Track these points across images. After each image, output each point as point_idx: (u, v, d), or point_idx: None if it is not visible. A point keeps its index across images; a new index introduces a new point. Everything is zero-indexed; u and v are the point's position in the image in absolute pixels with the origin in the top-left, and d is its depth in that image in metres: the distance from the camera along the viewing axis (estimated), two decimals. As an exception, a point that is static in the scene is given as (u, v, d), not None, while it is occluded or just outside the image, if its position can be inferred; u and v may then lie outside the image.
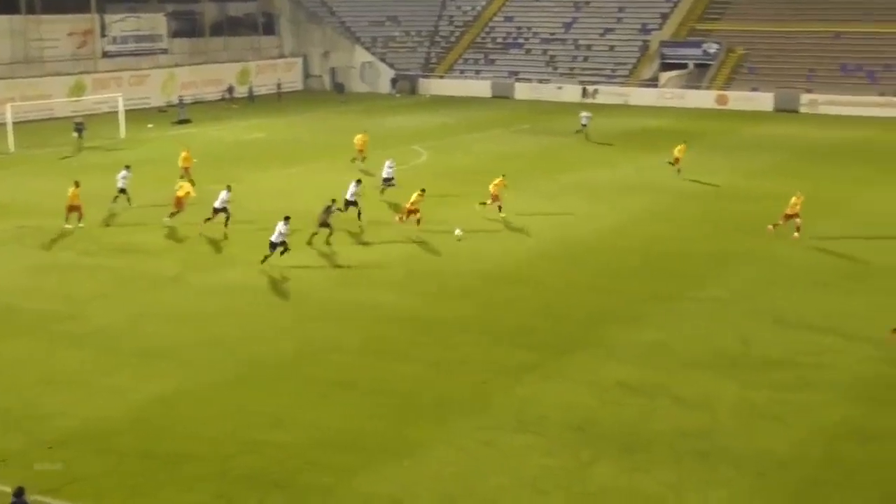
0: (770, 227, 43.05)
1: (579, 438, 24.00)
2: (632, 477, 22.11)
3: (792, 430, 24.54)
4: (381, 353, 29.84)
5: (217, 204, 42.58)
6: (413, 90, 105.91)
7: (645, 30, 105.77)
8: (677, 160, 57.64)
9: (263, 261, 37.68)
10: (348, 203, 44.20)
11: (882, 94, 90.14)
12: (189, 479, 21.98)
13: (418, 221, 42.94)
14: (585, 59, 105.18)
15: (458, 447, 23.59)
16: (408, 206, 43.28)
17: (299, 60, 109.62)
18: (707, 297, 35.11)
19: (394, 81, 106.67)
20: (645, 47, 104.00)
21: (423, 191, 43.65)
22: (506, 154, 65.98)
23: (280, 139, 73.65)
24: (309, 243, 40.65)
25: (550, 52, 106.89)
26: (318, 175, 57.76)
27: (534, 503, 21.03)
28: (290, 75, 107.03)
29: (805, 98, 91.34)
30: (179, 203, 44.24)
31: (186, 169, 52.70)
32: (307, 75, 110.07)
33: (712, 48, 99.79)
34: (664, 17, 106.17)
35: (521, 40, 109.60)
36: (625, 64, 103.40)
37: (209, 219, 42.53)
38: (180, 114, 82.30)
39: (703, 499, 21.15)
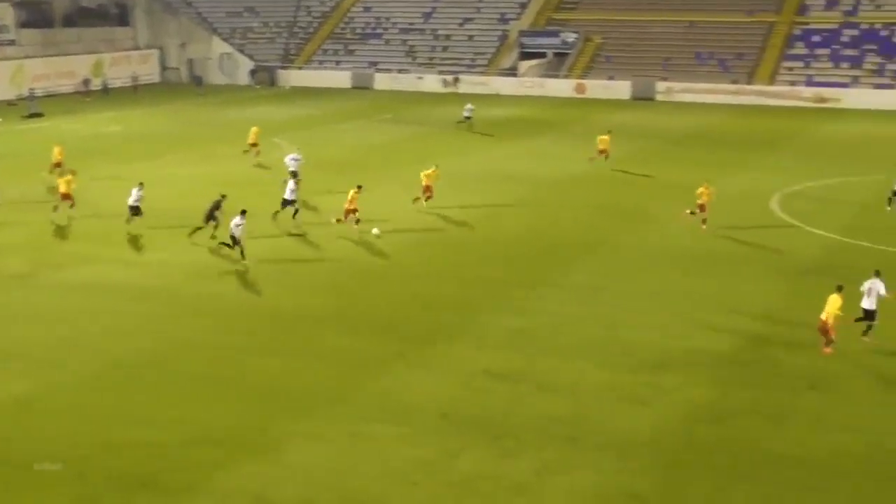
0: (687, 212, 43.44)
1: (446, 427, 24.03)
2: (499, 464, 22.23)
3: (654, 412, 24.99)
4: (246, 347, 29.40)
5: (131, 202, 41.35)
6: (272, 81, 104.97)
7: (503, 19, 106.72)
8: (603, 151, 57.74)
9: (222, 243, 37.94)
10: (286, 202, 42.72)
11: (734, 82, 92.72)
12: (47, 482, 21.29)
13: (357, 221, 41.36)
14: (445, 48, 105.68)
15: (324, 440, 23.39)
16: (346, 205, 41.38)
17: (155, 52, 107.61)
18: (572, 284, 35.53)
19: (253, 73, 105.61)
20: (504, 37, 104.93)
21: (359, 187, 42.19)
22: (370, 145, 65.94)
23: (137, 132, 72.09)
24: (190, 236, 39.94)
25: (410, 43, 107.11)
26: (178, 168, 56.84)
27: (402, 494, 20.97)
28: (146, 67, 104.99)
29: (661, 86, 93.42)
30: (68, 197, 43.17)
31: (58, 164, 51.23)
32: (164, 67, 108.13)
33: (570, 37, 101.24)
34: (522, 6, 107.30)
35: (380, 31, 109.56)
36: (484, 53, 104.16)
37: (130, 219, 41.55)
38: (31, 107, 79.88)
39: (570, 482, 21.38)
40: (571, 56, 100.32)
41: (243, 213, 37.15)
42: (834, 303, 28.40)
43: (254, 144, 58.98)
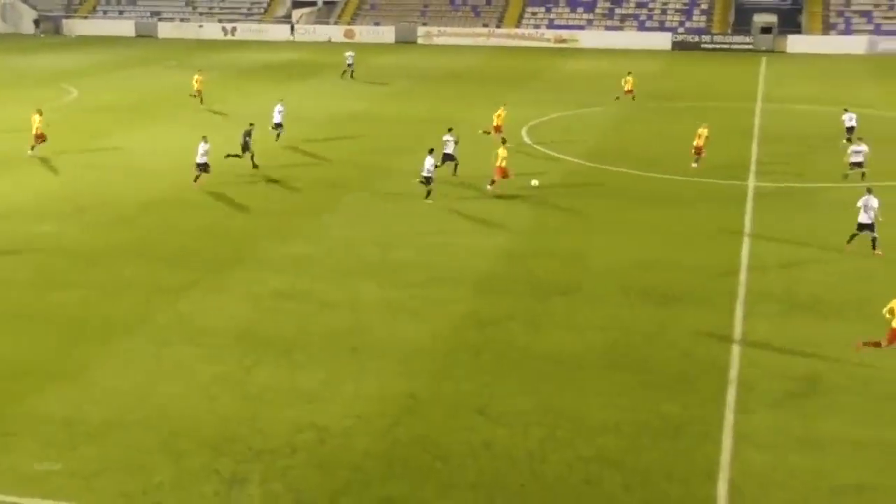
0: (693, 164, 41.11)
1: (242, 345, 23.81)
2: (291, 375, 22.22)
3: (427, 321, 25.41)
4: (44, 282, 28.16)
5: (199, 158, 38.20)
6: (57, 30, 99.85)
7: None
8: (629, 91, 57.74)
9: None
10: (447, 157, 39.13)
11: (485, 26, 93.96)
12: None
13: (505, 175, 37.07)
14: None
15: (128, 363, 22.80)
16: (498, 164, 36.87)
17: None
18: (350, 211, 35.54)
19: (37, 22, 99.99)
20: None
21: (504, 141, 38.60)
22: (158, 89, 63.63)
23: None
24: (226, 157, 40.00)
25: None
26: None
27: (203, 407, 20.70)
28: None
29: (421, 30, 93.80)
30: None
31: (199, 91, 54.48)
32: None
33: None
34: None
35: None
36: (260, 2, 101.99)
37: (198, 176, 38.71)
38: None
39: (356, 388, 21.58)
40: (340, 4, 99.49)
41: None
42: None
43: (199, 91, 56.52)
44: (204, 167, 37.91)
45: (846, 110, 46.90)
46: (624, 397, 21.20)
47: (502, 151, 37.16)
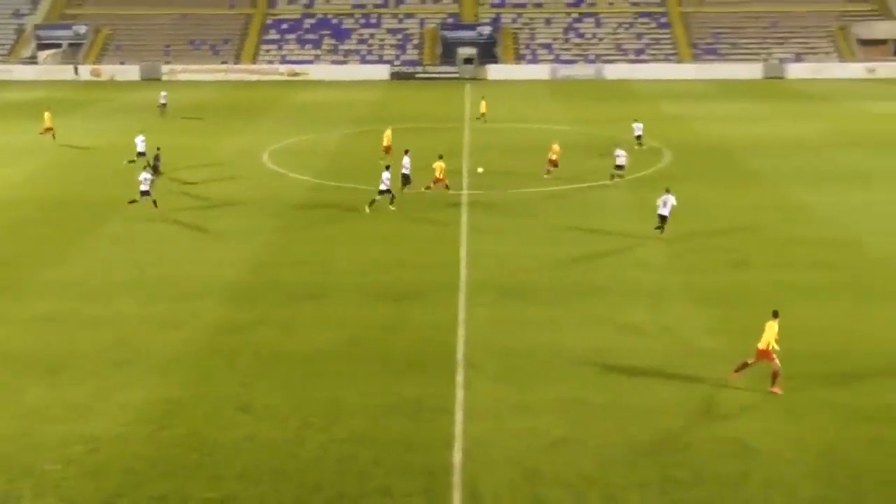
0: (545, 175, 42.50)
1: (9, 368, 22.30)
2: (61, 392, 21.04)
3: (184, 332, 24.67)
4: None
5: (143, 187, 36.40)
6: None
7: (18, 14, 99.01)
8: (483, 114, 59.74)
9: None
10: (404, 177, 38.33)
11: (224, 63, 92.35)
12: None
13: (447, 187, 38.54)
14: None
15: None
16: (437, 175, 37.94)
17: None
18: (104, 235, 33.95)
19: None
20: (21, 30, 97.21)
21: (440, 157, 38.92)
22: None
23: None
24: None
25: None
26: None
27: (-27, 431, 19.28)
28: None
29: (166, 68, 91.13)
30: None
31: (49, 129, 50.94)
32: None
33: (82, 29, 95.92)
34: (35, 2, 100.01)
35: None
36: (4, 44, 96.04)
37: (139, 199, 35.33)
38: None
39: (122, 399, 20.70)
40: (85, 46, 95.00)
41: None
42: (773, 330, 20.94)
43: (49, 128, 52.35)
44: (146, 194, 36.17)
45: (636, 120, 50.19)
46: (369, 384, 21.43)
47: (439, 164, 38.32)
